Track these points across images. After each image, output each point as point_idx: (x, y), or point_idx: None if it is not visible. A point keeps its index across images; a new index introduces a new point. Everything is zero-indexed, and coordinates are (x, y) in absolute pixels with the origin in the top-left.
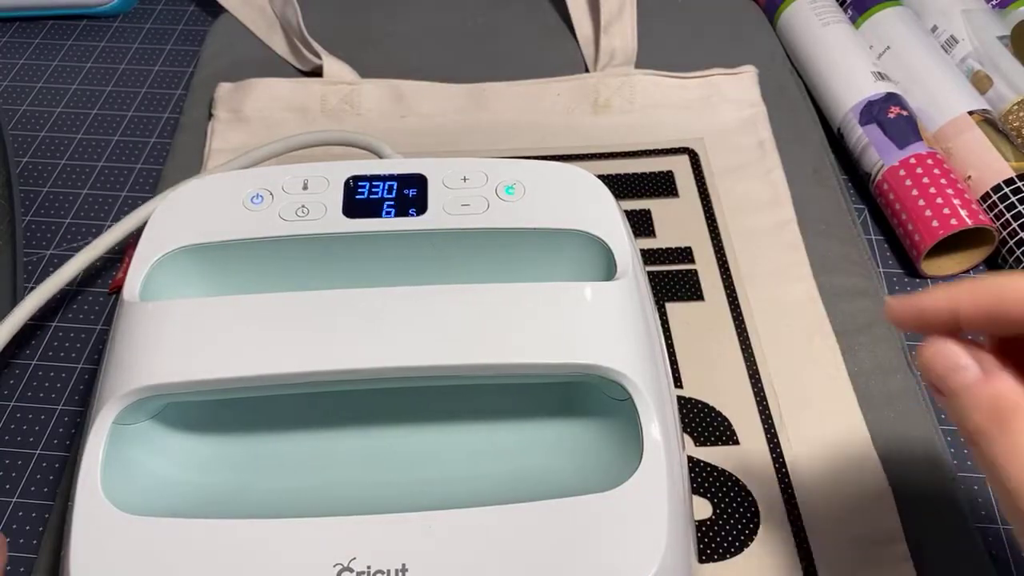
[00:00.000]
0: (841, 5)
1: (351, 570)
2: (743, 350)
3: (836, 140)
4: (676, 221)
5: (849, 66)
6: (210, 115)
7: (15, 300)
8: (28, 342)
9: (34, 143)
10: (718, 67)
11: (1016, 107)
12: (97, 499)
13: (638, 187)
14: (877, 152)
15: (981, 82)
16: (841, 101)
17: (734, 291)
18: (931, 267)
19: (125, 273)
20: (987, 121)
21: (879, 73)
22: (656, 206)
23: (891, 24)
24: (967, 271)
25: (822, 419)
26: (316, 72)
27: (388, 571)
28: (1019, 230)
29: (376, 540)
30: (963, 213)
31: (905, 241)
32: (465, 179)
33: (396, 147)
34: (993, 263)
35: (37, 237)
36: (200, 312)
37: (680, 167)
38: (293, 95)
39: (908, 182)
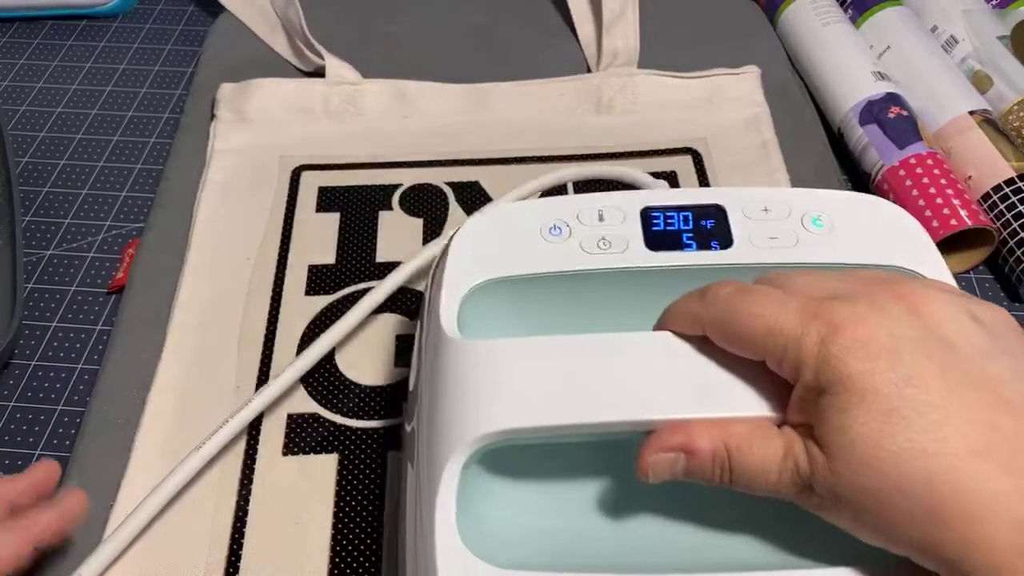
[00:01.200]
0: (841, 5)
1: None
2: None
3: (836, 140)
4: None
5: (849, 66)
6: (212, 116)
7: (15, 300)
8: (28, 342)
9: (34, 143)
10: (719, 67)
11: (1016, 107)
12: (462, 555)
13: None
14: (877, 152)
15: (981, 82)
16: (841, 101)
17: None
18: None
19: (125, 273)
20: (987, 121)
21: (879, 73)
22: None
23: (891, 24)
24: (967, 271)
25: None
26: (318, 72)
27: None
28: (1020, 230)
29: None
30: (963, 213)
31: None
32: (766, 210)
33: (399, 147)
34: (993, 263)
35: (37, 237)
36: (533, 352)
37: (683, 167)
38: (296, 96)
39: (908, 182)
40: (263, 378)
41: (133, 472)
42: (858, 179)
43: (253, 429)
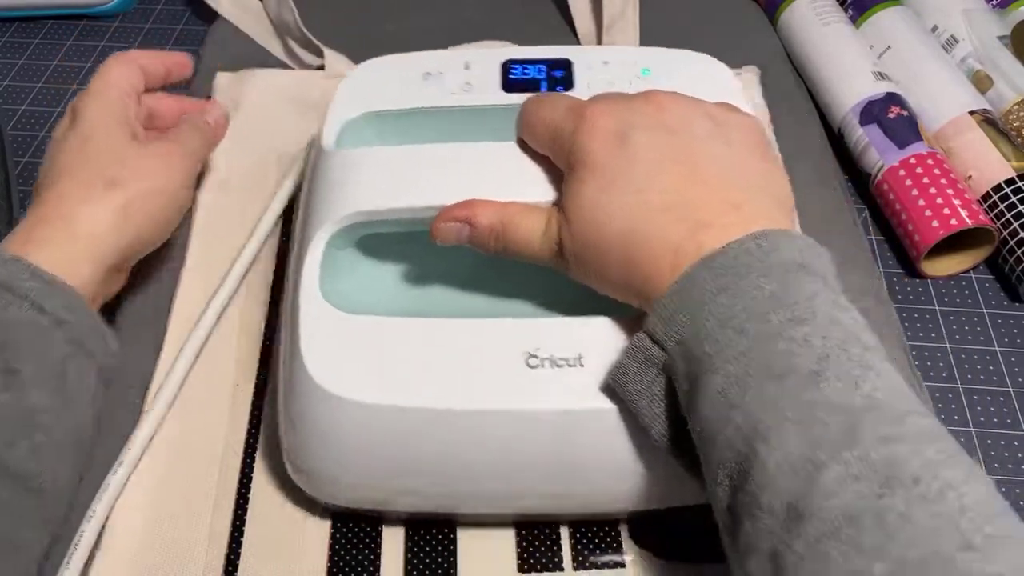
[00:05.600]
0: (841, 5)
1: (536, 357)
2: None
3: (836, 140)
4: None
5: (849, 66)
6: None
7: None
8: None
9: (34, 143)
10: None
11: (1016, 107)
12: (319, 302)
13: None
14: (877, 152)
15: (981, 82)
16: (841, 101)
17: None
18: (931, 267)
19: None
20: (988, 121)
21: (879, 73)
22: None
23: (891, 24)
24: (967, 271)
25: None
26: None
27: (567, 359)
28: (1020, 230)
29: (556, 336)
30: (963, 213)
31: (905, 241)
32: (606, 63)
33: None
34: (993, 263)
35: None
36: (388, 157)
37: None
38: (293, 87)
39: (908, 182)
40: (262, 376)
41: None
42: (858, 179)
43: (253, 428)
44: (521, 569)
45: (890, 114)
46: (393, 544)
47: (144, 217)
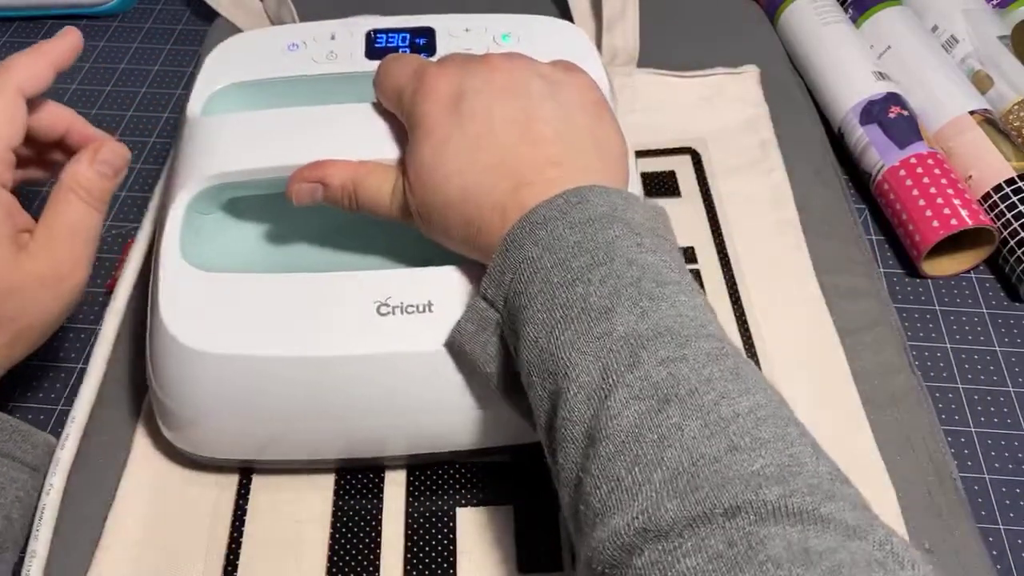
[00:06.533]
0: (842, 5)
1: (388, 305)
2: (745, 349)
3: (836, 140)
4: (678, 221)
5: (850, 66)
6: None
7: None
8: None
9: None
10: (719, 67)
11: (1017, 107)
12: (177, 261)
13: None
14: (877, 152)
15: (982, 82)
16: (841, 101)
17: (736, 291)
18: (931, 267)
19: (121, 272)
20: (988, 121)
21: (880, 73)
22: None
23: (892, 24)
24: (968, 271)
25: (825, 419)
26: None
27: (417, 305)
28: (1020, 230)
29: (406, 285)
30: (963, 213)
31: (905, 241)
32: (467, 30)
33: None
34: (994, 263)
35: None
36: (247, 121)
37: (682, 167)
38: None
39: (908, 182)
40: None
41: (132, 470)
42: (858, 179)
43: None
44: (521, 569)
45: (890, 114)
46: (393, 547)
47: (29, 347)
